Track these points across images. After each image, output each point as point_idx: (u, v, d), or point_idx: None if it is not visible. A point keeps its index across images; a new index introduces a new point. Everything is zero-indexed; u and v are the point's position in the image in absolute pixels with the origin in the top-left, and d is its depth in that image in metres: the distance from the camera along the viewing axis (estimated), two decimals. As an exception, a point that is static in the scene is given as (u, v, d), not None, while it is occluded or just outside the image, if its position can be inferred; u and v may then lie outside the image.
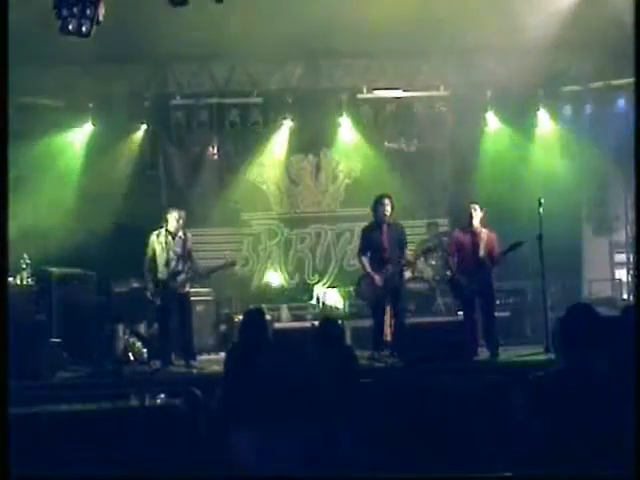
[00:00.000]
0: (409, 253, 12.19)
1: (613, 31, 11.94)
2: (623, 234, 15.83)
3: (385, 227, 11.94)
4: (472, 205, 11.96)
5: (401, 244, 11.90)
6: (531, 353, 11.46)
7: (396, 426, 5.93)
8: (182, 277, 11.63)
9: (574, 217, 15.24)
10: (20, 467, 6.00)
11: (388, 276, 11.73)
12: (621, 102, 14.75)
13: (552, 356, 10.52)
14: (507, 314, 13.50)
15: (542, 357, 10.98)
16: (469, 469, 5.43)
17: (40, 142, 14.41)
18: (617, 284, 15.91)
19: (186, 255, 11.63)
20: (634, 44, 8.71)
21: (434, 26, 12.95)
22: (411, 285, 14.15)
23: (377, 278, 11.73)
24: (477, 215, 11.90)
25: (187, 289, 11.87)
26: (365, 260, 12.02)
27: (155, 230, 11.86)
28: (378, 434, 6.04)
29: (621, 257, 16.00)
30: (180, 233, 11.66)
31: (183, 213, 11.80)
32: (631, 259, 15.74)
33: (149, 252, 11.70)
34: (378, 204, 11.94)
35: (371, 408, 6.43)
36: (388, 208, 11.86)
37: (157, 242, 11.66)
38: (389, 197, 11.98)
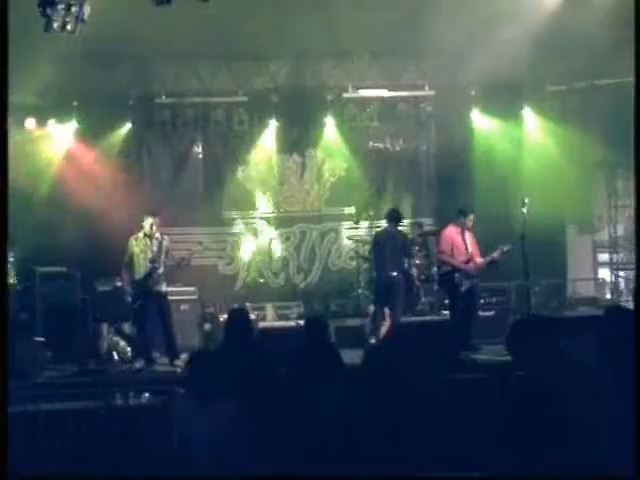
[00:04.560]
0: None
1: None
2: (606, 234, 15.91)
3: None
4: (469, 215, 12.08)
5: None
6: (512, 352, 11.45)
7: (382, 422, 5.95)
8: (159, 276, 11.72)
9: (558, 217, 15.25)
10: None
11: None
12: (605, 102, 14.82)
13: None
14: (491, 314, 13.53)
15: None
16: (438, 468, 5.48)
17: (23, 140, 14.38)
18: (600, 283, 15.99)
19: (163, 255, 11.75)
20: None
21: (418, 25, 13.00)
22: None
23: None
24: (470, 221, 12.08)
25: (165, 288, 11.94)
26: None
27: (134, 234, 11.93)
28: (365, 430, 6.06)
29: (604, 257, 16.08)
30: (157, 235, 11.78)
31: (157, 219, 11.87)
32: (614, 259, 15.83)
33: (127, 255, 11.82)
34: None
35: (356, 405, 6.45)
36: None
37: (135, 245, 11.79)
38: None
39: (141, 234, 11.86)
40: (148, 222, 11.79)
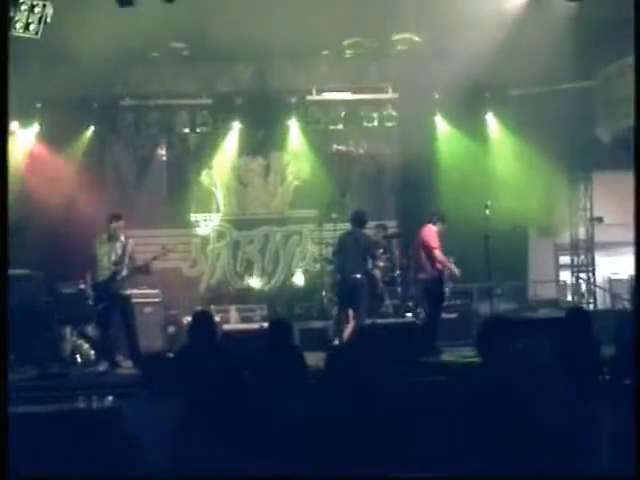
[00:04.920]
0: None
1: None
2: (568, 236, 16.05)
3: None
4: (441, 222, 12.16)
5: None
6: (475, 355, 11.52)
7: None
8: (123, 278, 11.66)
9: (520, 220, 15.34)
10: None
11: None
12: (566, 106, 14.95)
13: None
14: (454, 316, 13.58)
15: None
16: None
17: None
18: (562, 286, 16.14)
19: (127, 258, 11.69)
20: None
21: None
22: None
23: None
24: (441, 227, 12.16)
25: (129, 291, 11.89)
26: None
27: (99, 236, 11.87)
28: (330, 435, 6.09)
29: (565, 259, 16.22)
30: (121, 237, 11.72)
31: (122, 222, 11.81)
32: (575, 261, 15.98)
33: (92, 257, 11.76)
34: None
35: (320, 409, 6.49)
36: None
37: (99, 247, 11.73)
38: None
39: (105, 236, 11.80)
40: (112, 225, 11.75)
